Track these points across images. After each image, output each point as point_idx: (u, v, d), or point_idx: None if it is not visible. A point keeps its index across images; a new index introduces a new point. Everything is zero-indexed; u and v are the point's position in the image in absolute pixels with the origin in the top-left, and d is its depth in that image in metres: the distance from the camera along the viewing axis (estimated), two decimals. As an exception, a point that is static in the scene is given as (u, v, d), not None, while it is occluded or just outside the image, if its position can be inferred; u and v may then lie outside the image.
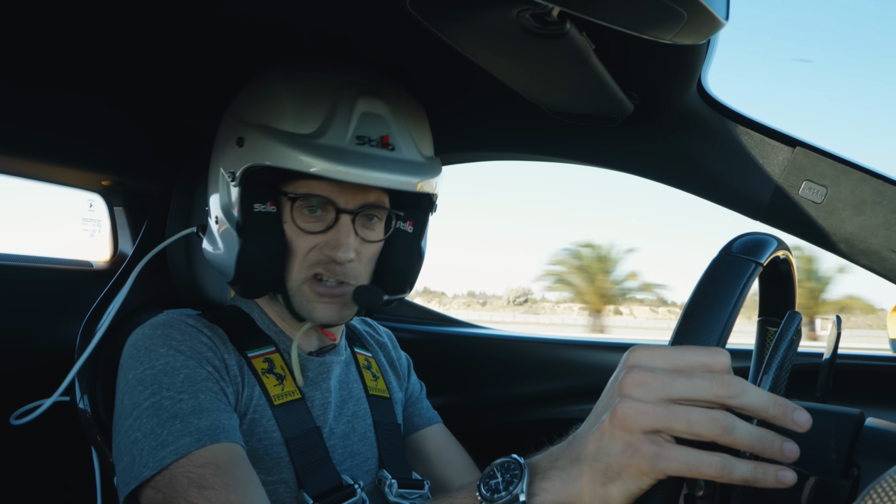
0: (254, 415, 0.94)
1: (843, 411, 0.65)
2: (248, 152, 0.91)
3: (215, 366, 0.92)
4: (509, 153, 1.39)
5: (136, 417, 0.85)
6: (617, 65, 0.94)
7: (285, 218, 0.95)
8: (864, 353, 1.33)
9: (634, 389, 0.53)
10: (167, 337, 0.92)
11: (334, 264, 0.95)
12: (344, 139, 0.91)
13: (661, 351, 0.54)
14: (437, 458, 1.18)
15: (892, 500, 0.41)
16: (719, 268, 0.59)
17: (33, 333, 1.27)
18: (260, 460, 0.93)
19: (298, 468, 0.94)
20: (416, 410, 1.22)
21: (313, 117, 0.92)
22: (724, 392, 0.51)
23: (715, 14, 0.65)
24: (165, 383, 0.87)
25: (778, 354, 0.59)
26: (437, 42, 0.86)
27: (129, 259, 1.22)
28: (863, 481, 0.61)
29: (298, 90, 0.94)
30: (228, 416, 0.88)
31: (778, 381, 0.59)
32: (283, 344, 1.03)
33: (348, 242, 0.94)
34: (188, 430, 0.83)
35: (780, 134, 1.07)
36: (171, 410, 0.84)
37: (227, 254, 0.97)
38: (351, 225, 0.95)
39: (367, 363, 1.16)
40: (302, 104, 0.92)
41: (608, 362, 1.51)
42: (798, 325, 0.63)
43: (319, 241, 0.95)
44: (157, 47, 1.03)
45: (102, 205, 1.51)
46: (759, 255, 0.60)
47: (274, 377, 0.98)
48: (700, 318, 0.55)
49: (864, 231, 1.03)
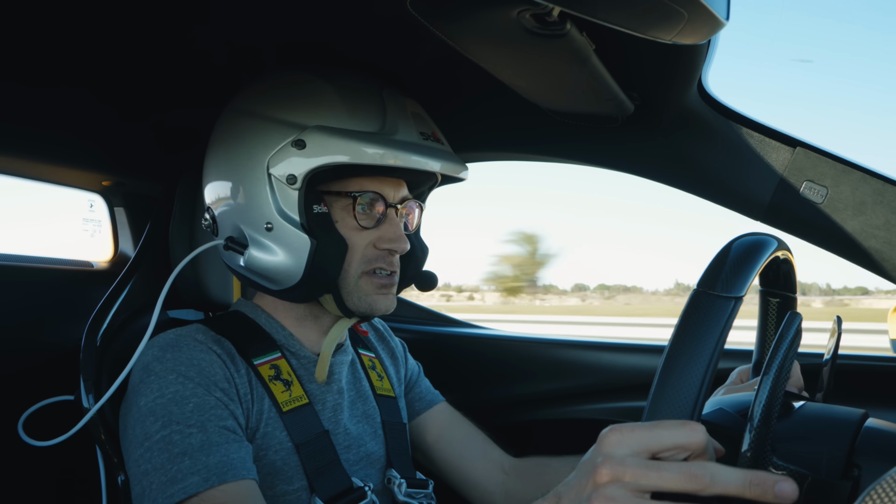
0: (266, 428, 0.96)
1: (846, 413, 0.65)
2: (314, 153, 0.93)
3: (224, 389, 0.93)
4: (509, 153, 1.39)
5: (146, 449, 0.87)
6: (617, 65, 0.94)
7: (336, 217, 0.98)
8: (865, 353, 1.33)
9: (607, 485, 0.52)
10: (176, 362, 0.92)
11: (390, 256, 1.01)
12: (413, 135, 0.98)
13: (635, 434, 0.53)
14: (444, 436, 1.22)
15: (892, 500, 0.41)
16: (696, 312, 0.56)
17: (34, 334, 1.28)
18: (279, 471, 0.95)
19: (310, 473, 0.96)
20: (417, 394, 1.24)
21: (371, 116, 0.96)
22: (695, 486, 0.50)
23: (715, 14, 0.65)
24: (176, 415, 0.88)
25: (778, 355, 0.59)
26: (437, 42, 0.86)
27: (134, 258, 1.22)
28: (863, 482, 0.61)
29: (345, 91, 0.97)
30: (238, 448, 0.89)
31: (778, 382, 0.59)
32: (293, 348, 1.04)
33: (402, 234, 1.00)
34: (197, 469, 0.85)
35: (780, 134, 1.07)
36: (180, 446, 0.86)
37: (293, 257, 0.95)
38: (397, 217, 1.01)
39: (372, 363, 1.18)
40: (355, 104, 0.96)
41: (608, 363, 1.51)
42: (799, 325, 0.63)
43: (373, 237, 1.00)
44: (157, 48, 1.03)
45: (103, 205, 1.51)
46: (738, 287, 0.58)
47: (281, 384, 0.99)
48: (675, 382, 0.54)
49: (864, 231, 1.03)
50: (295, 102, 0.97)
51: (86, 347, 1.08)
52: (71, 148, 1.27)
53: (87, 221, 1.52)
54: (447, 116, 1.19)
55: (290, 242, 0.96)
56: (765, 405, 0.57)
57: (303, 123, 0.94)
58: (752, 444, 0.58)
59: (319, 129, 0.93)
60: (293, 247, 0.96)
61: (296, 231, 0.95)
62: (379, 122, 0.96)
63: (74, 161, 1.31)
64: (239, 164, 0.98)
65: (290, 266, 0.96)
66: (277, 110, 0.97)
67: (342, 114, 0.95)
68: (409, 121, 0.99)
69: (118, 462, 1.03)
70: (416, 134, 0.99)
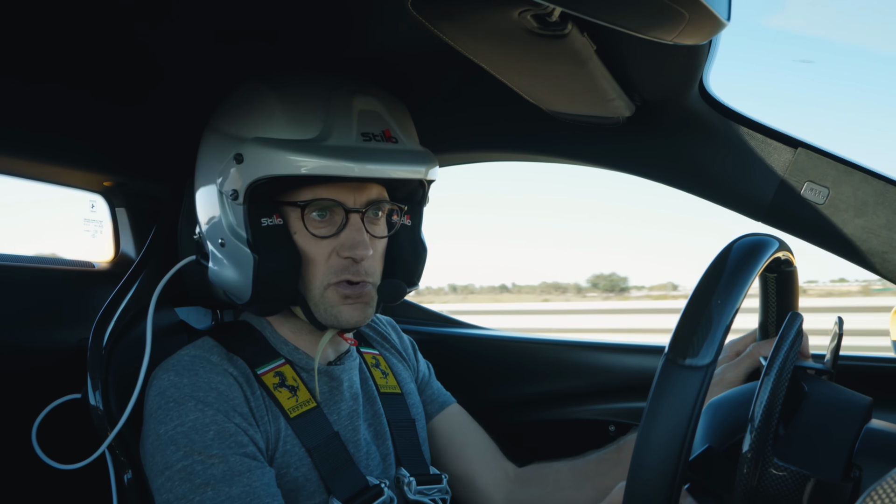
0: (285, 446, 0.96)
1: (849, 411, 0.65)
2: (250, 167, 0.91)
3: (243, 413, 0.93)
4: (510, 154, 1.39)
5: (167, 478, 0.88)
6: (618, 65, 0.94)
7: (293, 228, 0.96)
8: (866, 354, 1.33)
9: None
10: (194, 387, 0.92)
11: (354, 265, 0.96)
12: (350, 138, 0.93)
13: None
14: (455, 440, 1.20)
15: (893, 501, 0.41)
16: (666, 385, 0.55)
17: (35, 334, 1.28)
18: (301, 488, 0.95)
19: (324, 474, 0.96)
20: (428, 397, 1.23)
21: (311, 122, 0.92)
22: None
23: (717, 14, 0.65)
24: (197, 444, 0.88)
25: (779, 356, 0.59)
26: (437, 42, 0.86)
27: (141, 257, 1.23)
28: (864, 482, 0.61)
29: (288, 98, 0.94)
30: (260, 475, 0.89)
31: (779, 384, 0.59)
32: (299, 361, 1.03)
33: (364, 240, 0.96)
34: (220, 499, 0.86)
35: (781, 135, 1.07)
36: (202, 476, 0.87)
37: (241, 273, 0.95)
38: (361, 223, 0.96)
39: (376, 361, 1.17)
40: (296, 111, 0.93)
41: (609, 363, 1.51)
42: (800, 326, 0.63)
43: (335, 245, 0.96)
44: (158, 49, 1.03)
45: (104, 205, 1.51)
46: (706, 354, 0.55)
47: (286, 390, 0.99)
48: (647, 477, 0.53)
49: (865, 232, 1.03)
50: (240, 115, 0.96)
51: (93, 346, 1.09)
52: (72, 148, 1.27)
53: (88, 222, 1.52)
54: (447, 116, 1.19)
55: (238, 258, 0.95)
56: (765, 406, 0.57)
57: (243, 136, 0.93)
58: (752, 445, 0.58)
59: (255, 142, 0.91)
60: (241, 262, 0.95)
61: (241, 247, 0.94)
62: (318, 127, 0.92)
63: (76, 161, 1.31)
64: (202, 180, 1.01)
65: (241, 282, 0.96)
66: (227, 124, 0.97)
67: (280, 123, 0.92)
68: (350, 122, 0.93)
69: (125, 461, 1.04)
70: (356, 136, 0.93)
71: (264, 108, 0.94)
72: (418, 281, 1.08)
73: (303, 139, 0.91)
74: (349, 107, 0.94)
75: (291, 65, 1.05)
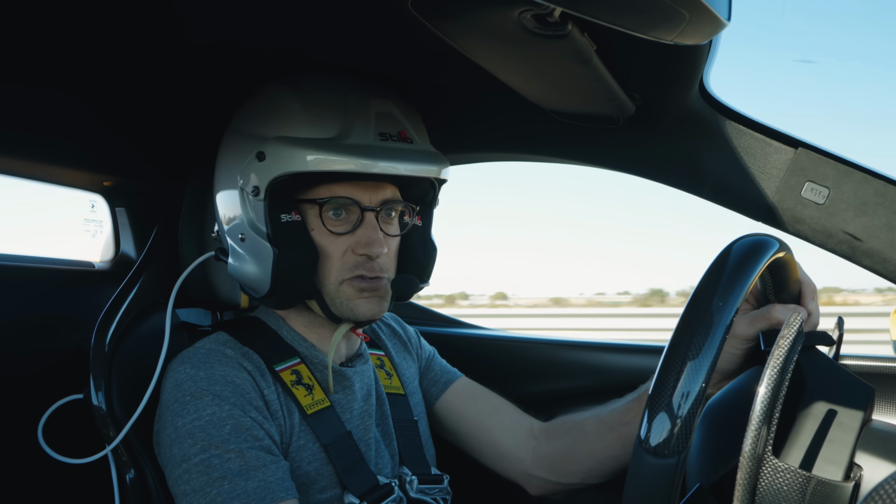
0: (298, 441, 0.98)
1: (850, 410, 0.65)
2: (272, 164, 0.94)
3: (258, 407, 0.95)
4: (510, 154, 1.39)
5: (185, 470, 0.91)
6: (618, 65, 0.94)
7: (311, 225, 0.99)
8: (867, 354, 1.33)
9: None
10: (210, 381, 0.95)
11: (369, 261, 0.99)
12: (368, 137, 0.97)
13: None
14: (469, 410, 1.22)
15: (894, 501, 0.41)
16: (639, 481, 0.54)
17: (36, 334, 1.28)
18: (313, 482, 0.97)
19: (339, 471, 0.98)
20: (432, 378, 1.25)
21: (331, 122, 0.96)
22: None
23: (717, 14, 0.65)
24: (214, 438, 0.90)
25: (779, 356, 0.59)
26: (437, 42, 0.86)
27: (142, 258, 1.23)
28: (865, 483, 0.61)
29: (309, 100, 0.98)
30: (276, 469, 0.91)
31: (780, 383, 0.59)
32: (314, 357, 1.06)
33: (378, 237, 0.99)
34: (236, 493, 0.88)
35: (782, 135, 1.07)
36: (220, 470, 0.89)
37: (261, 267, 0.98)
38: (376, 221, 1.00)
39: (381, 362, 1.19)
40: (316, 111, 0.97)
41: (610, 364, 1.51)
42: (800, 325, 0.63)
43: (350, 242, 0.99)
44: (159, 49, 1.03)
45: (104, 205, 1.51)
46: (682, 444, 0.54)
47: (303, 388, 1.02)
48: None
49: (866, 232, 1.03)
50: (262, 115, 1.00)
51: (96, 346, 1.09)
52: (73, 149, 1.27)
53: (88, 222, 1.52)
54: (447, 117, 1.19)
55: (258, 252, 0.99)
56: (766, 406, 0.57)
57: (265, 135, 0.96)
58: (752, 444, 0.58)
59: (277, 140, 0.95)
60: (261, 256, 0.98)
61: (262, 241, 0.97)
62: (337, 127, 0.96)
63: (76, 162, 1.31)
64: (223, 179, 1.04)
65: (260, 275, 0.99)
66: (248, 124, 1.01)
67: (302, 123, 0.96)
68: (368, 122, 0.97)
69: (127, 460, 1.05)
70: (374, 135, 0.97)
71: (286, 109, 0.97)
72: (429, 278, 1.11)
73: (323, 138, 0.95)
74: (367, 108, 0.98)
75: (296, 69, 1.06)
